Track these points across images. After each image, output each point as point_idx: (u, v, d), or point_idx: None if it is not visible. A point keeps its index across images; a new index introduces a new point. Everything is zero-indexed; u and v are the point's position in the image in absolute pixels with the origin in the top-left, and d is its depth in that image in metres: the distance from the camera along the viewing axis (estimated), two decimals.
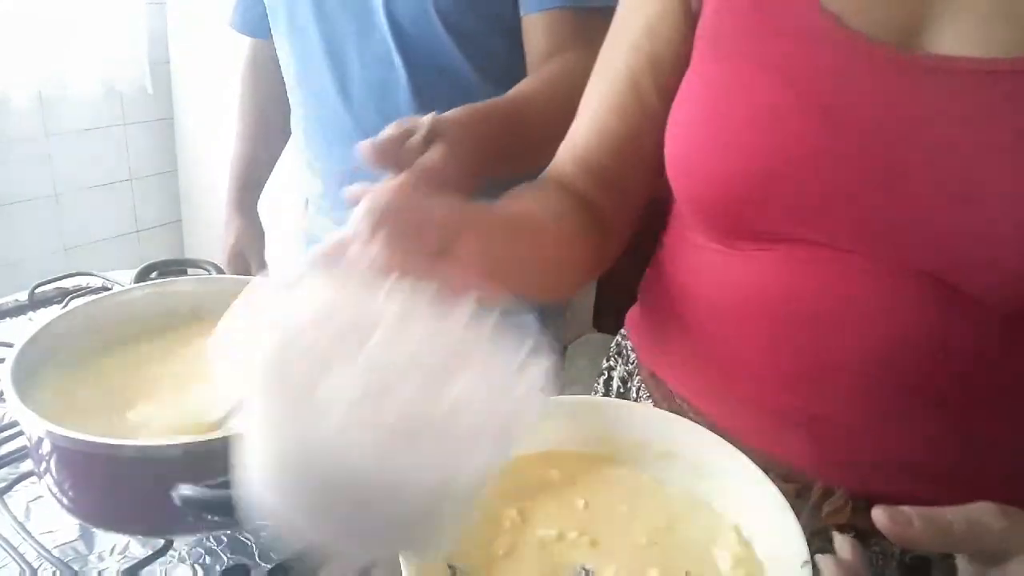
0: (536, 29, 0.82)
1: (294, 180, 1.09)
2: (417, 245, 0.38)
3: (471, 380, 0.31)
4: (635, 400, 0.69)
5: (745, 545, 0.49)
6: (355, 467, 0.29)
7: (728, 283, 0.56)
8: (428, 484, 0.30)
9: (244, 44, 1.13)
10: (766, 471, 0.50)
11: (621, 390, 0.72)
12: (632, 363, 0.71)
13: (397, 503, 0.30)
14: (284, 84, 0.98)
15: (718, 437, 0.55)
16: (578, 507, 0.51)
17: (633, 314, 0.72)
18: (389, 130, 0.60)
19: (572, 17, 0.81)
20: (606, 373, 0.75)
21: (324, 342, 0.30)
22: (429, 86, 0.85)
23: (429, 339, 0.32)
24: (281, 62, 0.96)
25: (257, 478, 0.31)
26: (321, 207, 1.00)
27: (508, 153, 0.74)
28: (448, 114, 0.63)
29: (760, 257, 0.53)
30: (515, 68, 0.85)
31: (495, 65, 0.86)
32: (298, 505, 0.30)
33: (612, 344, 0.75)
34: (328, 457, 0.29)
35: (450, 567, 0.45)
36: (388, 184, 0.59)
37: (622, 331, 0.74)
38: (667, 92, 0.57)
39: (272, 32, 0.95)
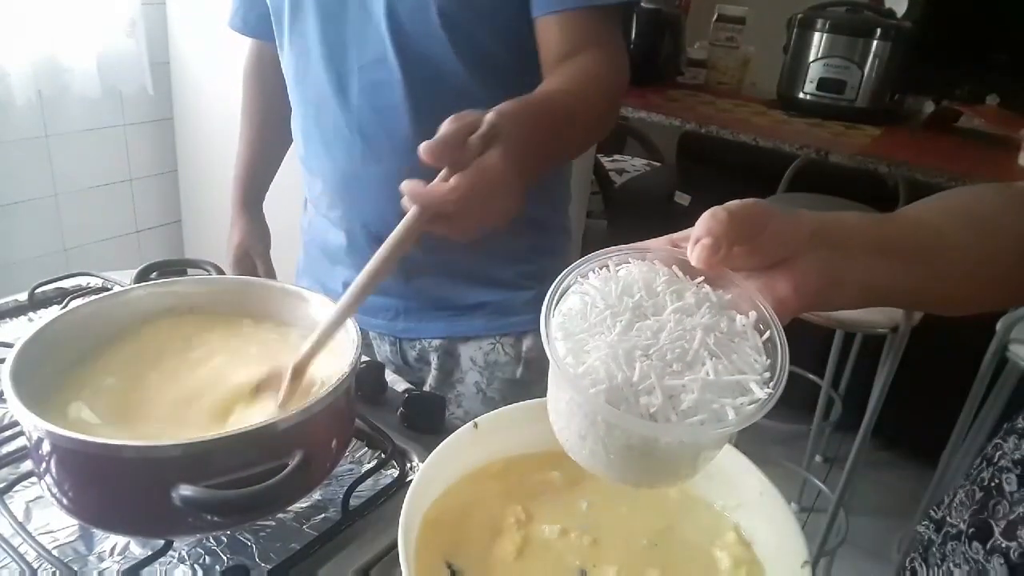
0: (550, 30, 0.82)
1: (295, 178, 1.09)
2: (745, 255, 0.40)
3: (706, 375, 0.37)
4: None
5: (745, 545, 0.49)
6: (586, 404, 0.37)
7: None
8: (637, 434, 0.38)
9: (245, 45, 1.13)
10: None
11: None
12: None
13: (612, 438, 0.38)
14: (286, 84, 0.98)
15: None
16: (580, 508, 0.51)
17: None
18: (447, 127, 0.58)
19: (586, 17, 0.81)
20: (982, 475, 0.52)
21: (608, 314, 0.39)
22: (425, 89, 0.85)
23: (691, 333, 0.38)
24: (282, 62, 0.96)
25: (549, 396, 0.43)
26: (319, 206, 1.00)
27: (552, 151, 0.72)
28: (506, 111, 0.62)
29: None
30: (512, 72, 0.85)
31: (492, 68, 0.86)
32: (556, 417, 0.42)
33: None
34: (572, 391, 0.38)
35: (450, 568, 0.45)
36: (444, 185, 0.57)
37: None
38: None
39: (275, 32, 0.95)
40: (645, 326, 0.38)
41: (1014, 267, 0.49)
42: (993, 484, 0.51)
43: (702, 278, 0.41)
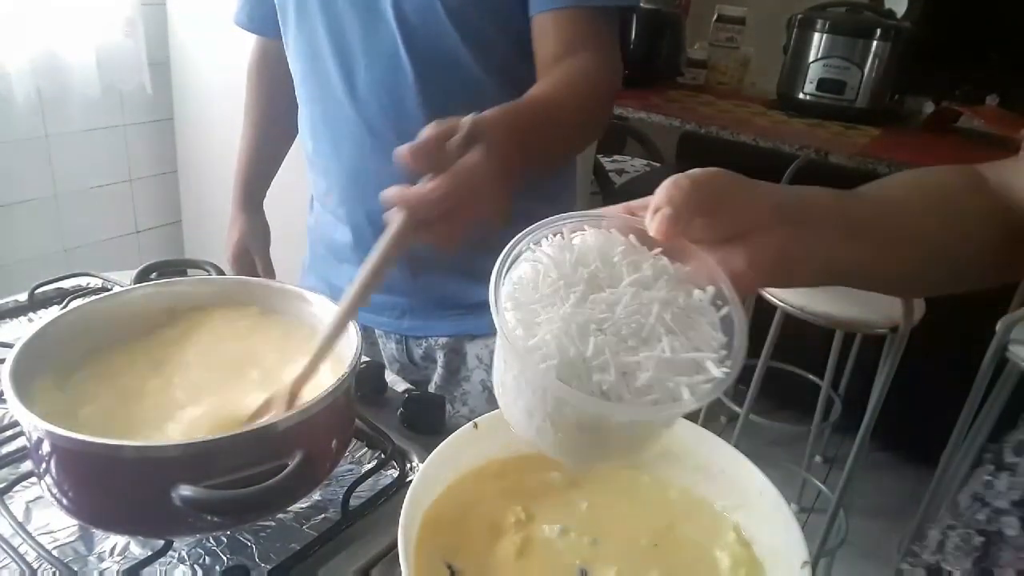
0: (546, 29, 0.81)
1: (300, 177, 1.09)
2: (704, 227, 0.39)
3: (662, 351, 0.36)
4: None
5: (745, 545, 0.49)
6: (535, 379, 0.36)
7: None
8: (588, 412, 0.37)
9: (247, 43, 1.12)
10: None
11: None
12: None
13: (561, 416, 0.38)
14: (291, 81, 0.98)
15: (719, 438, 0.55)
16: (580, 508, 0.51)
17: None
18: (427, 131, 0.57)
19: (582, 17, 0.80)
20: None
21: (561, 284, 0.38)
22: (436, 84, 0.85)
23: (648, 307, 0.37)
24: (289, 59, 0.96)
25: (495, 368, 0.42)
26: (326, 204, 1.00)
27: (537, 153, 0.71)
28: (487, 115, 0.62)
29: None
30: (523, 68, 0.85)
31: (502, 64, 0.86)
32: (502, 392, 0.41)
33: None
34: (521, 366, 0.37)
35: (450, 568, 0.45)
36: (425, 186, 0.56)
37: None
38: None
39: (281, 29, 0.95)
40: (600, 298, 0.37)
41: (977, 252, 0.49)
42: (992, 529, 0.49)
43: (660, 249, 0.40)
